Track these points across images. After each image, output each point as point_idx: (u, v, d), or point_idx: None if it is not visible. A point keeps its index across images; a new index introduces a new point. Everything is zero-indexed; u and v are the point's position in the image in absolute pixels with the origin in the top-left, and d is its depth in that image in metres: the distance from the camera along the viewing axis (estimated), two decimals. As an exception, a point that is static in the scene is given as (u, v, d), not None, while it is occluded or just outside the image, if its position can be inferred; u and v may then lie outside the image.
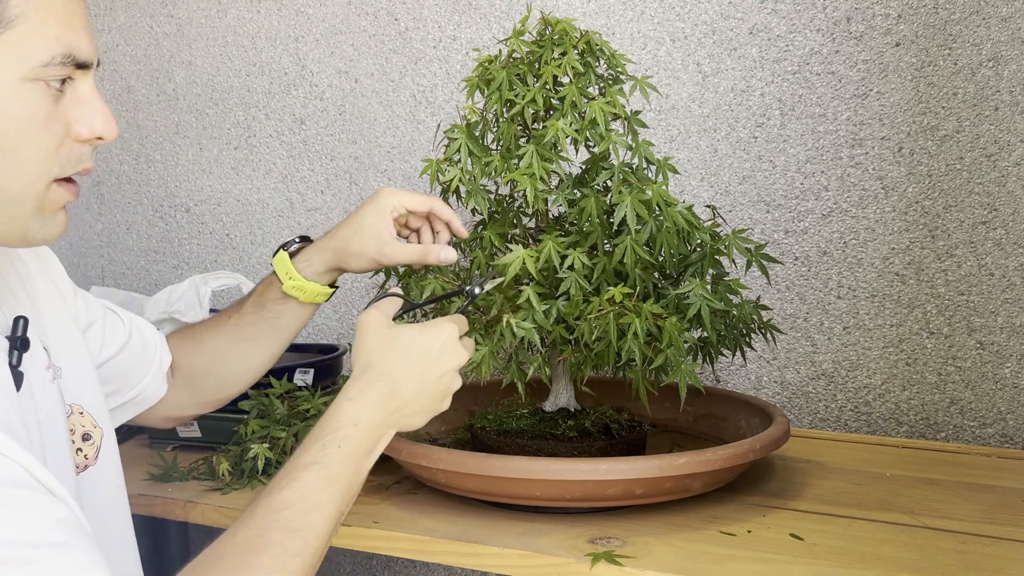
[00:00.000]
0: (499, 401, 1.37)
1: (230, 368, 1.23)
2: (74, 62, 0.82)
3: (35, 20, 0.80)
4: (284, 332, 1.23)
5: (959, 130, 1.46)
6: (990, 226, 1.46)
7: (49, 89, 0.82)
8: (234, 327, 1.22)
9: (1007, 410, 1.47)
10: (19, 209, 0.83)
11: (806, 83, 1.53)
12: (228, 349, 1.22)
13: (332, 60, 1.87)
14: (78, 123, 0.84)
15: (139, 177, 2.09)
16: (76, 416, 1.00)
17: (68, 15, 0.82)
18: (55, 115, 0.82)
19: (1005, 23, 1.42)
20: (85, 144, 0.86)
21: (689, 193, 1.62)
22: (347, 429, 0.91)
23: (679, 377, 1.11)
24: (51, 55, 0.81)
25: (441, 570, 1.88)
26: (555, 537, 1.06)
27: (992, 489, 1.23)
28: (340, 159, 1.88)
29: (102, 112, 0.85)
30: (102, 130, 0.85)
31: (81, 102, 0.84)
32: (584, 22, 1.65)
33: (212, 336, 1.23)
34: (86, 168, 0.87)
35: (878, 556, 1.01)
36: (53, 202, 0.85)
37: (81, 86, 0.85)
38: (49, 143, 0.82)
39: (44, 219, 0.85)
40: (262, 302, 1.21)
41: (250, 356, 1.23)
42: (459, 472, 1.11)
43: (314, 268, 1.19)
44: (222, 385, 1.24)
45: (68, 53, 0.82)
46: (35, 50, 0.80)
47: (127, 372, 1.16)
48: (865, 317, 1.54)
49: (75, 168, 0.86)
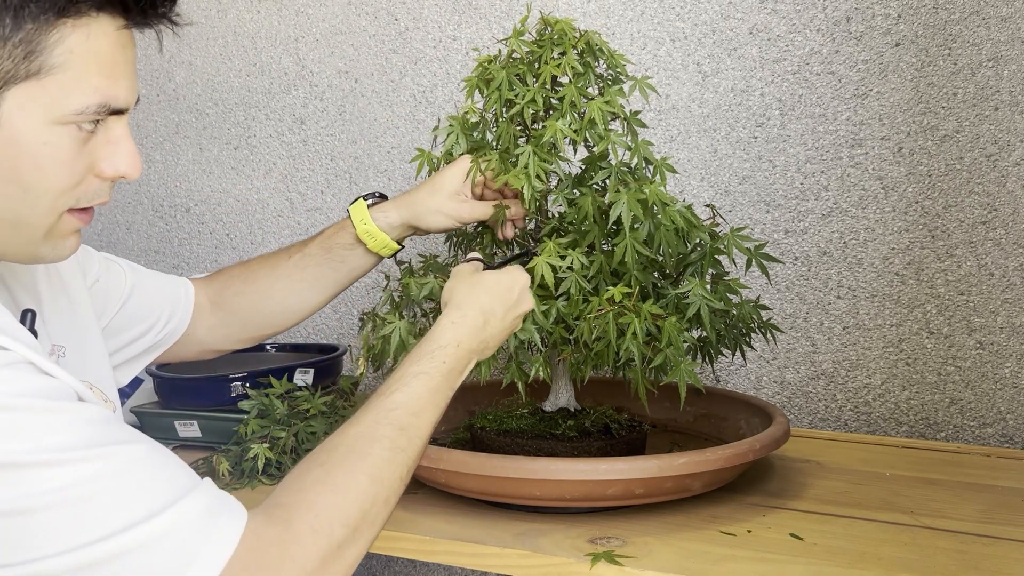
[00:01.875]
0: (499, 401, 1.37)
1: (280, 305, 1.28)
2: (109, 111, 0.82)
3: (77, 69, 0.79)
4: (344, 277, 1.28)
5: (959, 130, 1.46)
6: (990, 226, 1.46)
7: (80, 132, 0.81)
8: (294, 266, 1.26)
9: (1007, 410, 1.47)
10: (31, 235, 0.84)
11: (806, 83, 1.53)
12: (283, 287, 1.27)
13: (332, 60, 1.87)
14: (103, 162, 0.84)
15: (139, 177, 2.09)
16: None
17: (113, 65, 0.81)
18: (81, 155, 0.82)
19: (1005, 23, 1.42)
20: (106, 181, 0.86)
21: (689, 193, 1.62)
22: (451, 348, 1.00)
23: (679, 377, 1.11)
24: (86, 105, 0.80)
25: (441, 570, 1.88)
26: (555, 537, 1.06)
27: (992, 489, 1.23)
28: (340, 159, 1.88)
29: (130, 153, 0.85)
30: (126, 170, 0.86)
31: (111, 142, 0.84)
32: (584, 22, 1.65)
33: (267, 273, 1.27)
34: (102, 201, 0.87)
35: (878, 556, 1.01)
36: (64, 229, 0.86)
37: (113, 127, 0.84)
38: (69, 181, 0.83)
39: (54, 243, 0.86)
40: (329, 245, 1.26)
41: (304, 296, 1.27)
42: (459, 472, 1.11)
43: (389, 220, 1.25)
44: (264, 323, 1.29)
45: (104, 103, 0.81)
46: (71, 98, 0.79)
47: (145, 318, 1.20)
48: (865, 317, 1.54)
49: (90, 202, 0.86)
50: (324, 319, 1.93)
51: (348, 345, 1.79)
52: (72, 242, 0.88)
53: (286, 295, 1.27)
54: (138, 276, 1.21)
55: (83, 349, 1.04)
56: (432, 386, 0.97)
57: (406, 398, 0.94)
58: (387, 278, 1.29)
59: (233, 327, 1.29)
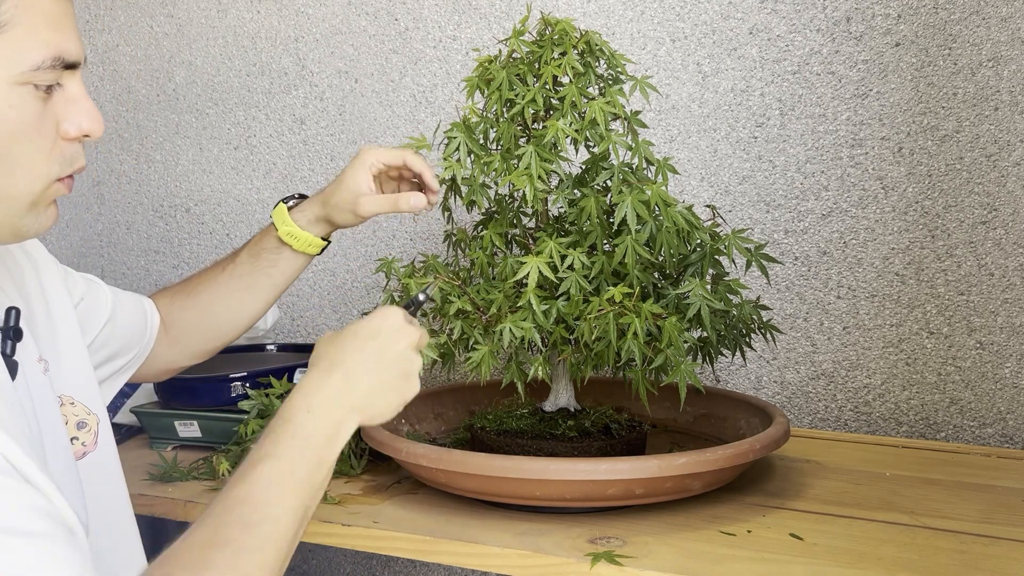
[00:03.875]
0: (499, 401, 1.37)
1: (222, 318, 1.27)
2: (63, 64, 0.83)
3: (25, 24, 0.81)
4: (278, 280, 1.27)
5: (959, 130, 1.46)
6: (990, 226, 1.46)
7: (38, 91, 0.82)
8: (228, 277, 1.26)
9: (1007, 410, 1.47)
10: (15, 207, 0.84)
11: (806, 83, 1.53)
12: (222, 300, 1.27)
13: (332, 60, 1.87)
14: (66, 122, 0.85)
15: (139, 177, 2.09)
16: (67, 407, 1.01)
17: (57, 18, 0.83)
18: (45, 116, 0.83)
19: (1005, 23, 1.42)
20: (74, 142, 0.87)
21: (689, 193, 1.62)
22: (300, 417, 0.88)
23: (679, 377, 1.11)
24: (41, 58, 0.81)
25: (441, 570, 1.88)
26: (555, 537, 1.06)
27: (991, 489, 1.23)
28: (340, 159, 1.88)
29: (89, 110, 0.86)
30: (89, 127, 0.86)
31: (69, 101, 0.85)
32: (584, 22, 1.65)
33: (206, 288, 1.27)
34: (80, 166, 0.88)
35: (878, 556, 1.01)
36: (48, 198, 0.87)
37: (69, 85, 0.85)
38: (42, 144, 0.84)
39: (37, 214, 0.86)
40: (257, 251, 1.26)
41: (244, 306, 1.27)
42: (459, 472, 1.11)
43: (307, 217, 1.24)
44: (213, 336, 1.29)
45: (58, 56, 0.82)
46: (25, 54, 0.81)
47: (122, 336, 1.20)
48: (865, 317, 1.54)
49: (72, 167, 0.87)
50: (324, 319, 1.93)
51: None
52: (52, 212, 0.88)
53: (227, 306, 1.27)
54: (116, 296, 1.21)
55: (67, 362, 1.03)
56: (283, 468, 0.84)
57: (252, 489, 0.82)
58: (387, 278, 1.29)
59: (183, 343, 1.28)
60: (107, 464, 1.04)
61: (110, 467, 1.05)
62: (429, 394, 1.44)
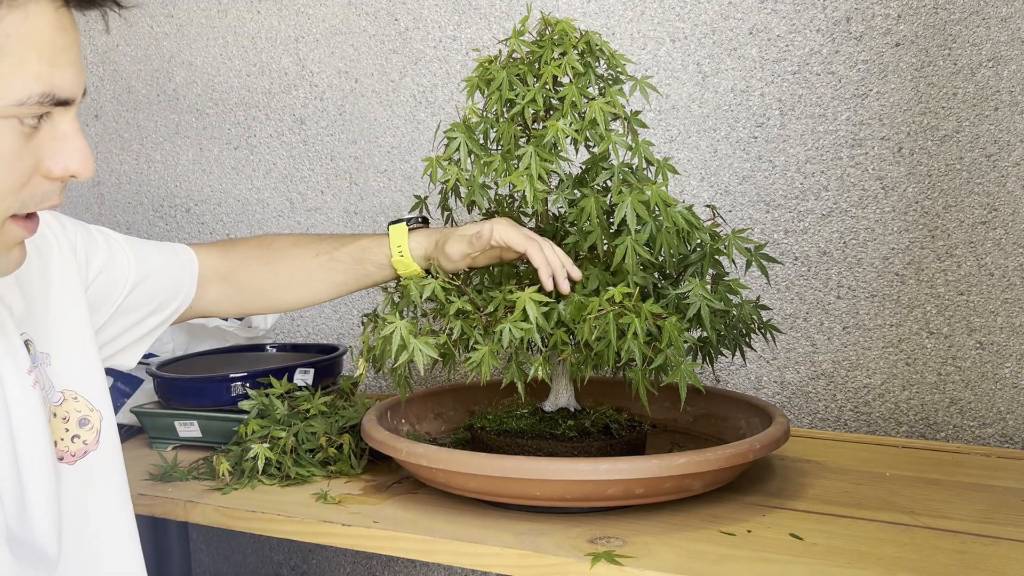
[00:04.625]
0: (499, 401, 1.37)
1: (292, 294, 1.28)
2: (53, 101, 0.77)
3: (15, 55, 0.74)
4: (363, 285, 1.27)
5: (959, 130, 1.46)
6: (990, 226, 1.46)
7: (22, 127, 0.76)
8: (319, 267, 1.25)
9: (1007, 410, 1.47)
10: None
11: (806, 83, 1.53)
12: (301, 281, 1.26)
13: (332, 60, 1.87)
14: (51, 160, 0.79)
15: (139, 177, 2.09)
16: (69, 402, 0.99)
17: (54, 50, 0.76)
18: (25, 152, 0.77)
19: (1005, 23, 1.42)
20: (55, 181, 0.80)
21: (689, 193, 1.62)
22: None
23: (679, 377, 1.11)
24: (27, 94, 0.75)
25: (441, 570, 1.88)
26: (555, 537, 1.06)
27: (992, 489, 1.23)
28: (340, 159, 1.88)
29: (80, 150, 0.80)
30: (76, 168, 0.80)
31: (58, 138, 0.79)
32: (584, 22, 1.65)
33: (289, 265, 1.26)
34: (52, 204, 0.81)
35: (878, 556, 1.01)
36: (7, 240, 0.80)
37: (60, 121, 0.79)
38: (11, 181, 0.77)
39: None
40: (361, 259, 1.25)
41: (318, 291, 1.27)
42: (459, 472, 1.11)
43: (420, 248, 1.23)
44: (273, 304, 1.29)
45: (47, 92, 0.76)
46: (11, 88, 0.74)
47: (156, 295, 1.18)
48: (865, 317, 1.54)
49: (38, 206, 0.80)
50: (324, 319, 1.93)
51: (348, 345, 1.79)
52: (16, 255, 0.82)
53: (302, 287, 1.27)
54: (142, 257, 1.17)
55: (70, 354, 1.02)
56: None
57: None
58: (387, 278, 1.29)
59: (237, 301, 1.27)
60: (106, 464, 1.02)
61: (110, 467, 1.03)
62: (429, 394, 1.44)
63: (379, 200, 1.86)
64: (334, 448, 1.33)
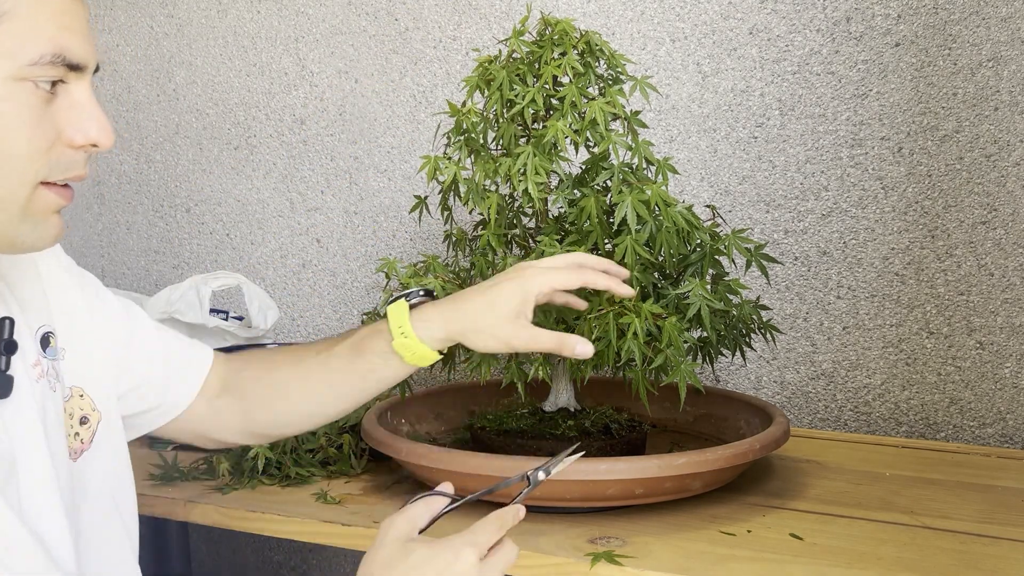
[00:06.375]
0: (499, 401, 1.37)
1: (294, 407, 1.11)
2: (65, 63, 0.79)
3: (26, 16, 0.77)
4: (372, 388, 1.08)
5: (959, 130, 1.46)
6: (990, 226, 1.46)
7: (38, 90, 0.78)
8: (319, 364, 1.09)
9: (1007, 410, 1.47)
10: (7, 212, 0.80)
11: (806, 83, 1.53)
12: (300, 386, 1.10)
13: (332, 60, 1.87)
14: (71, 128, 0.81)
15: (139, 177, 2.09)
16: (76, 399, 0.98)
17: (63, 14, 0.79)
18: (44, 118, 0.79)
19: (1005, 23, 1.42)
20: (79, 151, 0.82)
21: (689, 193, 1.62)
22: None
23: (679, 377, 1.11)
24: (40, 54, 0.77)
25: (441, 570, 1.88)
26: (555, 537, 1.06)
27: (992, 489, 1.23)
28: (340, 159, 1.88)
29: (98, 118, 0.82)
30: (97, 136, 0.82)
31: (75, 106, 0.81)
32: (584, 22, 1.65)
33: (290, 367, 1.11)
34: (78, 175, 0.83)
35: (878, 556, 1.01)
36: (41, 206, 0.81)
37: (76, 90, 0.81)
38: (37, 145, 0.79)
39: (34, 224, 0.82)
40: (360, 350, 1.06)
41: (323, 401, 1.10)
42: (459, 472, 1.11)
43: (431, 332, 1.03)
44: (279, 422, 1.12)
45: (59, 53, 0.78)
46: (23, 48, 0.77)
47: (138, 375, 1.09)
48: (865, 317, 1.54)
49: (65, 174, 0.82)
50: (324, 319, 1.93)
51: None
52: (54, 223, 0.84)
53: (304, 395, 1.10)
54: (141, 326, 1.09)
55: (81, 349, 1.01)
56: None
57: None
58: (387, 278, 1.29)
59: (238, 415, 1.12)
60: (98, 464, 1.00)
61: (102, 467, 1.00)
62: (429, 394, 1.45)
63: (379, 200, 1.86)
64: (334, 448, 1.33)
